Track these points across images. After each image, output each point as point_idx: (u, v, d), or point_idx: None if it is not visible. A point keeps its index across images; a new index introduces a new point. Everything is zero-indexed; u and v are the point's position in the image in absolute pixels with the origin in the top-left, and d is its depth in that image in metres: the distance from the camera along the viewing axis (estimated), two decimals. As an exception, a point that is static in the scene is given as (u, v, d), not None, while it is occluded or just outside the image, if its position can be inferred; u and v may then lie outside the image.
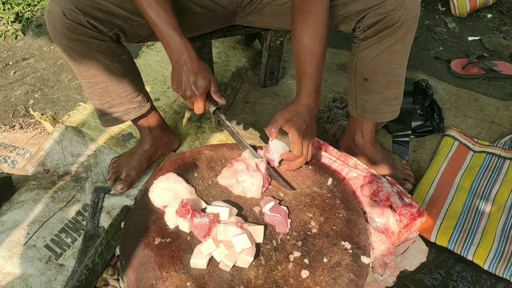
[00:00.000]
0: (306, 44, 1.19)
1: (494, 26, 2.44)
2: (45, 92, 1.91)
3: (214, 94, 1.19)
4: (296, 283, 0.95)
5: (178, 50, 1.15)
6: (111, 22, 1.25)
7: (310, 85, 1.19)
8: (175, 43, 1.15)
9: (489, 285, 1.32)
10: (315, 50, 1.19)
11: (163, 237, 1.03)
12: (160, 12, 1.13)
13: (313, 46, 1.19)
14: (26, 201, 1.47)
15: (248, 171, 1.09)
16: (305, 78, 1.20)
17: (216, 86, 1.19)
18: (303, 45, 1.20)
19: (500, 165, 1.59)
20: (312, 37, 1.19)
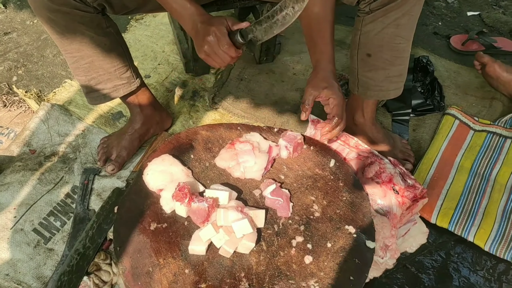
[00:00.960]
0: (318, 12, 1.21)
1: (494, 1, 2.39)
2: (29, 68, 1.82)
3: (233, 25, 1.09)
4: (299, 269, 0.92)
5: (191, 17, 1.10)
6: None
7: (329, 51, 1.22)
8: (186, 10, 1.10)
9: (490, 267, 1.31)
10: (328, 18, 1.21)
11: (159, 222, 0.98)
12: None
13: (325, 14, 1.21)
14: (11, 183, 1.41)
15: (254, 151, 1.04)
16: (324, 45, 1.22)
17: (233, 20, 1.10)
18: (315, 14, 1.21)
19: (501, 145, 1.56)
20: (323, 5, 1.20)
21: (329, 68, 1.21)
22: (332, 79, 1.20)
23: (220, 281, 0.90)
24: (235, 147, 1.08)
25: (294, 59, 1.87)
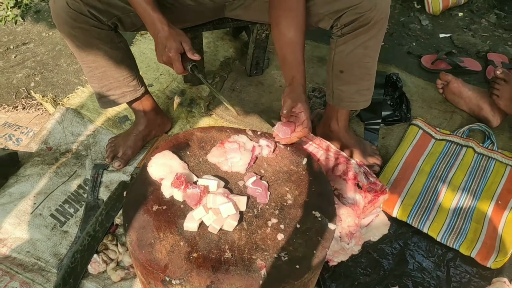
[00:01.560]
0: (292, 37, 1.35)
1: (464, 24, 2.63)
2: (45, 76, 2.04)
3: (187, 52, 1.28)
4: (272, 244, 1.13)
5: (153, 24, 1.28)
6: (110, 12, 1.39)
7: (302, 70, 1.36)
8: (150, 17, 1.28)
9: (440, 254, 1.52)
10: (300, 41, 1.36)
11: (160, 205, 1.19)
12: None
13: (297, 38, 1.35)
14: (31, 175, 1.61)
15: (240, 149, 1.27)
16: (296, 66, 1.36)
17: (189, 45, 1.28)
18: (289, 38, 1.35)
19: (457, 152, 1.79)
20: (296, 31, 1.35)
21: (302, 85, 1.36)
22: (304, 96, 1.35)
23: (208, 251, 1.11)
24: (224, 145, 1.29)
25: (280, 73, 2.10)
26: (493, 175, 1.71)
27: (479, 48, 2.41)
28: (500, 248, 1.50)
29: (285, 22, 1.35)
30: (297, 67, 1.36)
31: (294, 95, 1.33)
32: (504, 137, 1.87)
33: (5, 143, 1.73)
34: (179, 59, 1.28)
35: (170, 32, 1.27)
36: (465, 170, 1.73)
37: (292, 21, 1.34)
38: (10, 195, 1.55)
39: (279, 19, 1.36)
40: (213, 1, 1.57)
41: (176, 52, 1.26)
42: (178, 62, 1.28)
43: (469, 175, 1.71)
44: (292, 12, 1.34)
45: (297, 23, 1.34)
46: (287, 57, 1.37)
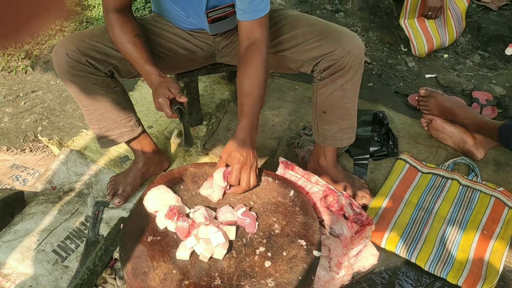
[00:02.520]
0: (245, 87, 1.39)
1: (450, 65, 2.77)
2: (52, 120, 2.17)
3: (176, 95, 1.36)
4: (260, 271, 1.20)
5: (147, 76, 1.41)
6: (106, 62, 1.52)
7: (246, 122, 1.36)
8: (144, 70, 1.41)
9: (429, 283, 1.56)
10: (252, 93, 1.38)
11: (154, 235, 1.27)
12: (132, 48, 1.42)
13: (250, 89, 1.38)
14: (36, 213, 1.70)
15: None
16: (242, 116, 1.37)
17: (177, 90, 1.36)
18: (243, 88, 1.39)
19: (443, 184, 1.86)
20: (249, 82, 1.38)
21: (242, 137, 1.35)
22: (240, 148, 1.34)
23: (199, 279, 1.17)
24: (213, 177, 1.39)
25: (274, 112, 2.22)
26: (478, 206, 1.78)
27: (464, 86, 2.52)
28: (486, 276, 1.54)
29: (241, 74, 1.41)
30: (240, 119, 1.38)
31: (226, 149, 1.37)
32: (489, 170, 1.95)
33: (12, 184, 1.83)
34: (167, 103, 1.36)
35: (160, 81, 1.39)
36: (451, 201, 1.79)
37: (247, 73, 1.39)
38: (15, 232, 1.63)
39: (239, 71, 1.43)
40: (203, 50, 1.70)
41: (164, 97, 1.36)
42: (166, 106, 1.36)
43: (454, 206, 1.77)
44: (250, 64, 1.40)
45: (252, 75, 1.39)
46: (238, 108, 1.42)
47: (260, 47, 1.42)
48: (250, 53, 1.41)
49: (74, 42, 1.46)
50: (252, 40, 1.42)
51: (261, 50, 1.42)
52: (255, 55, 1.41)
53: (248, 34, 1.42)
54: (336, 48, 1.46)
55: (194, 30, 1.65)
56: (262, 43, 1.43)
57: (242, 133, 1.36)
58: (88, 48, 1.46)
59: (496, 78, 2.63)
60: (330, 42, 1.48)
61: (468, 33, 3.02)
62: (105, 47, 1.50)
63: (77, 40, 1.47)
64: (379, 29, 3.01)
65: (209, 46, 1.69)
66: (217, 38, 1.67)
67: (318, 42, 1.50)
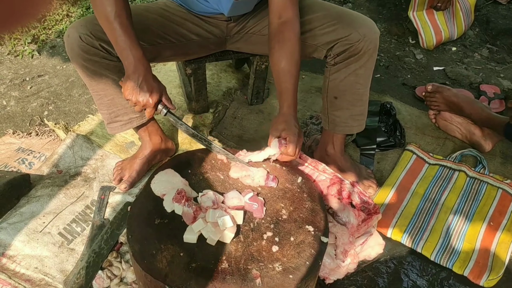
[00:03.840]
0: (284, 66, 1.40)
1: (458, 58, 2.75)
2: (58, 105, 2.16)
3: (166, 101, 1.40)
4: (267, 255, 1.19)
5: (135, 65, 1.35)
6: None
7: (291, 98, 1.40)
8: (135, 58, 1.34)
9: (434, 273, 1.56)
10: (292, 71, 1.40)
11: (161, 218, 1.27)
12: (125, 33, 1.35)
13: (290, 68, 1.40)
14: (42, 196, 1.70)
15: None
16: (286, 94, 1.40)
17: (167, 95, 1.40)
18: (281, 68, 1.41)
19: (450, 176, 1.86)
20: (288, 61, 1.40)
21: (289, 112, 1.39)
22: (291, 122, 1.37)
23: (206, 262, 1.17)
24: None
25: (280, 102, 2.21)
26: (485, 197, 1.77)
27: (472, 80, 2.51)
28: (492, 267, 1.54)
29: (278, 53, 1.42)
30: (286, 96, 1.40)
31: (277, 125, 1.38)
32: (496, 162, 1.94)
33: (18, 167, 1.83)
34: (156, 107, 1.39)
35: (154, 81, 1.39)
36: (458, 193, 1.79)
37: (284, 52, 1.41)
38: (21, 215, 1.63)
39: (274, 49, 1.44)
40: (215, 36, 1.69)
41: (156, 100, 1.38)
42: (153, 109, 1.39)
43: (461, 198, 1.77)
44: (286, 43, 1.42)
45: (290, 54, 1.40)
46: (278, 87, 1.44)
47: (294, 25, 1.42)
48: (285, 31, 1.41)
49: (87, 26, 1.45)
50: (285, 18, 1.41)
51: (295, 28, 1.42)
52: (290, 33, 1.41)
53: (280, 12, 1.41)
54: (352, 32, 1.45)
55: (208, 14, 1.63)
56: (295, 21, 1.42)
57: (291, 110, 1.39)
58: (102, 32, 1.45)
59: (504, 72, 2.62)
60: (345, 26, 1.47)
61: (477, 26, 3.00)
62: None
63: (90, 24, 1.45)
64: (387, 20, 2.99)
65: (221, 32, 1.68)
66: (230, 24, 1.66)
67: (333, 27, 1.49)
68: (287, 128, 1.36)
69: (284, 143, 1.38)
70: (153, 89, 1.37)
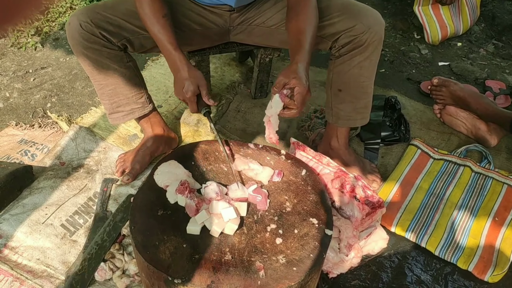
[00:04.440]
0: (300, 27, 1.36)
1: (463, 53, 2.73)
2: (61, 97, 2.16)
3: (204, 97, 1.38)
4: (271, 247, 1.18)
5: (174, 62, 1.39)
6: (120, 34, 1.50)
7: (305, 54, 1.30)
8: (172, 55, 1.39)
9: (439, 268, 1.55)
10: (309, 33, 1.35)
11: (164, 209, 1.26)
12: (161, 30, 1.39)
13: (306, 29, 1.35)
14: (44, 187, 1.69)
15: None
16: (300, 49, 1.31)
17: (206, 90, 1.37)
18: (298, 28, 1.37)
19: (455, 171, 1.84)
20: (305, 24, 1.36)
21: (301, 62, 1.28)
22: (302, 72, 1.26)
23: (209, 253, 1.16)
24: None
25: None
26: (490, 193, 1.76)
27: (477, 75, 2.49)
28: (497, 262, 1.52)
29: (295, 21, 1.39)
30: (298, 49, 1.32)
31: (287, 72, 1.27)
32: (501, 157, 1.92)
33: (21, 158, 1.82)
34: (195, 101, 1.38)
35: (190, 74, 1.37)
36: (463, 188, 1.77)
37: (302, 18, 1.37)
38: (23, 206, 1.62)
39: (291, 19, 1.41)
40: (218, 26, 1.68)
41: (193, 94, 1.37)
42: (194, 103, 1.38)
43: (466, 193, 1.75)
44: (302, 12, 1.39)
45: (308, 20, 1.36)
46: (294, 45, 1.36)
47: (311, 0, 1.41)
48: (301, 3, 1.40)
49: (88, 14, 1.44)
50: None
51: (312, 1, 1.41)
52: (306, 4, 1.39)
53: None
54: (357, 23, 1.44)
55: (211, 4, 1.62)
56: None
57: (304, 63, 1.29)
58: (102, 20, 1.44)
59: (509, 68, 2.60)
60: (350, 17, 1.46)
61: (483, 22, 2.97)
62: (118, 20, 1.48)
63: (91, 12, 1.45)
64: (392, 15, 2.97)
65: (224, 22, 1.67)
66: (233, 14, 1.65)
67: (338, 18, 1.47)
68: (298, 77, 1.25)
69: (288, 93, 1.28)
70: (187, 82, 1.37)
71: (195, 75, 1.38)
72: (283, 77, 1.26)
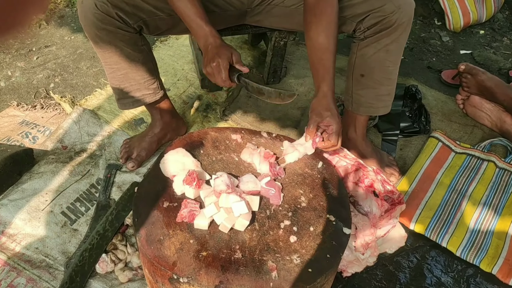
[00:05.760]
0: (322, 42, 1.31)
1: (486, 42, 2.60)
2: (65, 77, 2.07)
3: (237, 63, 1.27)
4: (285, 246, 1.09)
5: (205, 36, 1.29)
6: (136, 15, 1.40)
7: (331, 79, 1.31)
8: (202, 30, 1.29)
9: (460, 270, 1.46)
10: (330, 48, 1.31)
11: (171, 201, 1.17)
12: (188, 5, 1.28)
13: (327, 44, 1.31)
14: (45, 172, 1.61)
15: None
16: (325, 73, 1.30)
17: (238, 57, 1.28)
18: (319, 43, 1.31)
19: (478, 166, 1.74)
20: (327, 36, 1.30)
21: (329, 95, 1.30)
22: (333, 107, 1.28)
23: (218, 251, 1.08)
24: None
25: (298, 82, 2.09)
26: (515, 190, 1.65)
27: (501, 65, 2.36)
28: (523, 265, 1.43)
29: (315, 26, 1.32)
30: (324, 75, 1.31)
31: (320, 110, 1.28)
32: (528, 153, 1.81)
33: (22, 141, 1.74)
34: (227, 67, 1.26)
35: (222, 44, 1.29)
36: (486, 184, 1.67)
37: (322, 25, 1.30)
38: (23, 191, 1.54)
39: (310, 24, 1.33)
40: (235, 8, 1.57)
41: (226, 60, 1.26)
42: (226, 70, 1.26)
43: (490, 190, 1.65)
44: (323, 16, 1.31)
45: (328, 28, 1.30)
46: (315, 64, 1.34)
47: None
48: (321, 2, 1.31)
49: None
50: None
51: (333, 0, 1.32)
52: (327, 5, 1.31)
53: None
54: (385, 2, 1.33)
55: None
56: None
57: (330, 92, 1.31)
58: (118, 0, 1.34)
59: (535, 58, 2.46)
60: None
61: (507, 9, 2.84)
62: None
63: None
64: (412, 0, 2.83)
65: (241, 3, 1.56)
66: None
67: None
68: (331, 114, 1.27)
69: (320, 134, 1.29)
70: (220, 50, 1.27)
71: (228, 45, 1.30)
72: (317, 116, 1.28)
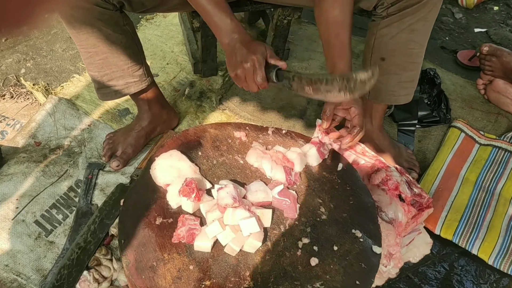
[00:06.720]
0: (337, 15, 1.16)
1: (501, 19, 2.40)
2: (38, 62, 1.82)
3: (271, 58, 1.05)
4: (304, 271, 0.90)
5: (229, 31, 1.05)
6: None
7: (347, 55, 1.17)
8: (226, 25, 1.05)
9: (493, 281, 1.30)
10: (346, 22, 1.16)
11: (164, 217, 0.97)
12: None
13: (343, 17, 1.16)
14: (15, 174, 1.40)
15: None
16: (342, 49, 1.17)
17: (273, 52, 1.07)
18: (334, 17, 1.16)
19: (506, 159, 1.56)
20: (342, 9, 1.15)
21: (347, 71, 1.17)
22: None
23: (224, 279, 0.88)
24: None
25: (302, 65, 1.87)
26: (549, 187, 1.48)
27: (519, 44, 2.17)
28: None
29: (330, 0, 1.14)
30: (340, 52, 1.16)
31: None
32: (559, 143, 1.64)
33: (-12, 137, 1.51)
34: (263, 64, 1.02)
35: (252, 40, 1.05)
36: (517, 181, 1.49)
37: None
38: (-12, 197, 1.33)
39: None
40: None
41: (262, 56, 1.02)
42: (262, 66, 1.02)
43: (521, 187, 1.48)
44: None
45: (344, 2, 1.13)
46: (329, 40, 1.17)
47: None
48: None
49: None
50: None
51: None
52: None
53: None
54: None
55: None
56: None
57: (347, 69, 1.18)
58: None
59: (555, 37, 2.28)
60: None
61: (521, -17, 2.62)
62: None
63: None
64: (420, -27, 2.61)
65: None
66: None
67: None
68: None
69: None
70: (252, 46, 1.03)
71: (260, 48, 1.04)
72: None
